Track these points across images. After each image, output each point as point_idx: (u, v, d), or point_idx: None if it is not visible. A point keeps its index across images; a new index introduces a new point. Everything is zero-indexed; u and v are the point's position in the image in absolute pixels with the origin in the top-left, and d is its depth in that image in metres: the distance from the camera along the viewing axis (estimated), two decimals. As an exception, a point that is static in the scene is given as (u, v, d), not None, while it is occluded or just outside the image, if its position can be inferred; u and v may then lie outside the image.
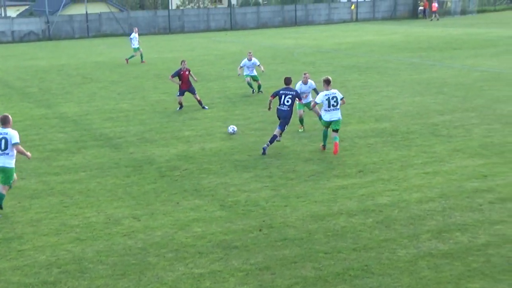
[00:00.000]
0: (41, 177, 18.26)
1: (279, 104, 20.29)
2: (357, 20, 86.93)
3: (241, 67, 30.19)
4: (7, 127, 15.40)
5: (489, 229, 13.49)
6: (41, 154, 20.77)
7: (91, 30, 73.01)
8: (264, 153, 19.78)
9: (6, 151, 15.18)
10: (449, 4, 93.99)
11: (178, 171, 18.45)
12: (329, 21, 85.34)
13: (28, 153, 15.87)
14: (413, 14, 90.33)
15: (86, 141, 22.46)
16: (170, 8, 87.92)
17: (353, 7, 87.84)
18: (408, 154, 19.38)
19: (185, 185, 17.17)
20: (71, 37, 71.73)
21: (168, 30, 76.31)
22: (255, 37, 66.00)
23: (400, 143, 20.74)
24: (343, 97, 19.87)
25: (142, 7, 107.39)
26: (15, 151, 15.31)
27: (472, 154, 19.18)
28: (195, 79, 28.19)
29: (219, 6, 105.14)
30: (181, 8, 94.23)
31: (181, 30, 77.47)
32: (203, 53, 50.73)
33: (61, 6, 78.87)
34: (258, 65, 30.11)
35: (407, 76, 34.69)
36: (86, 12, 73.34)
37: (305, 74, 22.21)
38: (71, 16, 73.59)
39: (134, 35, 45.64)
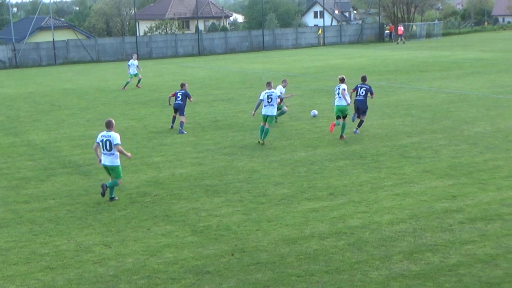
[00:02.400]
0: (10, 205, 18.04)
1: (356, 95, 25.14)
2: (324, 44, 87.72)
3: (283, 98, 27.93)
4: (111, 131, 17.77)
5: (460, 249, 13.57)
6: (9, 183, 20.55)
7: (58, 57, 72.71)
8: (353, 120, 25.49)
9: (112, 151, 17.50)
10: (414, 27, 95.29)
11: (148, 197, 18.35)
12: (296, 46, 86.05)
13: (128, 154, 17.99)
14: (379, 38, 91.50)
15: (55, 168, 22.26)
16: (137, 34, 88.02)
17: (320, 31, 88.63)
18: (378, 176, 19.48)
19: (156, 211, 17.08)
20: (38, 64, 71.38)
21: (136, 56, 76.16)
22: (223, 62, 66.19)
23: (370, 165, 20.85)
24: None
25: (109, 34, 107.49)
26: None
27: (441, 175, 19.32)
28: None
29: (186, 32, 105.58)
30: (148, 34, 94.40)
31: (149, 56, 77.51)
32: (171, 78, 50.77)
33: (28, 34, 78.55)
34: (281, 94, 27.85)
35: (375, 98, 34.84)
36: (53, 40, 73.08)
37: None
38: (37, 43, 73.24)
39: (133, 61, 45.44)
